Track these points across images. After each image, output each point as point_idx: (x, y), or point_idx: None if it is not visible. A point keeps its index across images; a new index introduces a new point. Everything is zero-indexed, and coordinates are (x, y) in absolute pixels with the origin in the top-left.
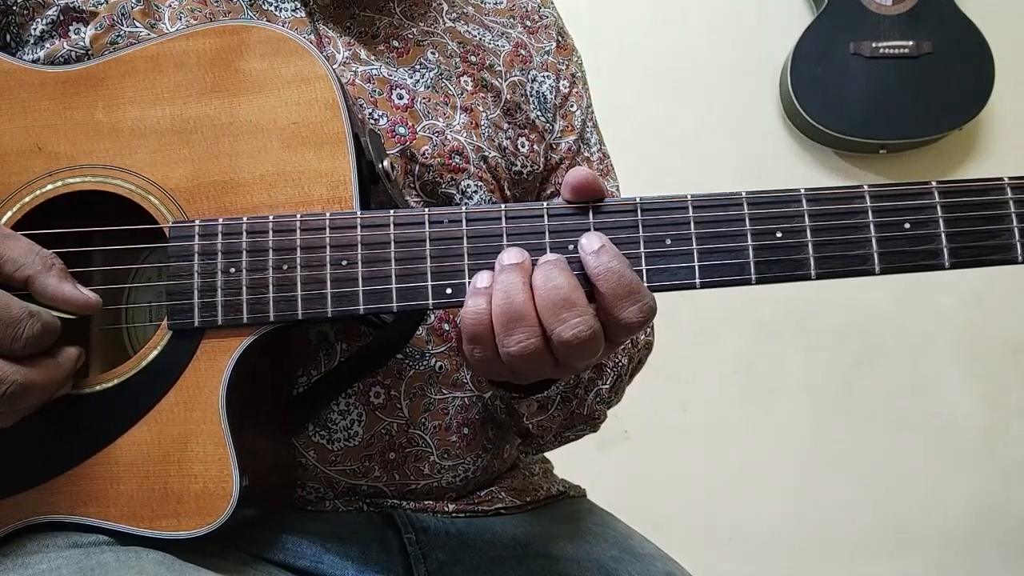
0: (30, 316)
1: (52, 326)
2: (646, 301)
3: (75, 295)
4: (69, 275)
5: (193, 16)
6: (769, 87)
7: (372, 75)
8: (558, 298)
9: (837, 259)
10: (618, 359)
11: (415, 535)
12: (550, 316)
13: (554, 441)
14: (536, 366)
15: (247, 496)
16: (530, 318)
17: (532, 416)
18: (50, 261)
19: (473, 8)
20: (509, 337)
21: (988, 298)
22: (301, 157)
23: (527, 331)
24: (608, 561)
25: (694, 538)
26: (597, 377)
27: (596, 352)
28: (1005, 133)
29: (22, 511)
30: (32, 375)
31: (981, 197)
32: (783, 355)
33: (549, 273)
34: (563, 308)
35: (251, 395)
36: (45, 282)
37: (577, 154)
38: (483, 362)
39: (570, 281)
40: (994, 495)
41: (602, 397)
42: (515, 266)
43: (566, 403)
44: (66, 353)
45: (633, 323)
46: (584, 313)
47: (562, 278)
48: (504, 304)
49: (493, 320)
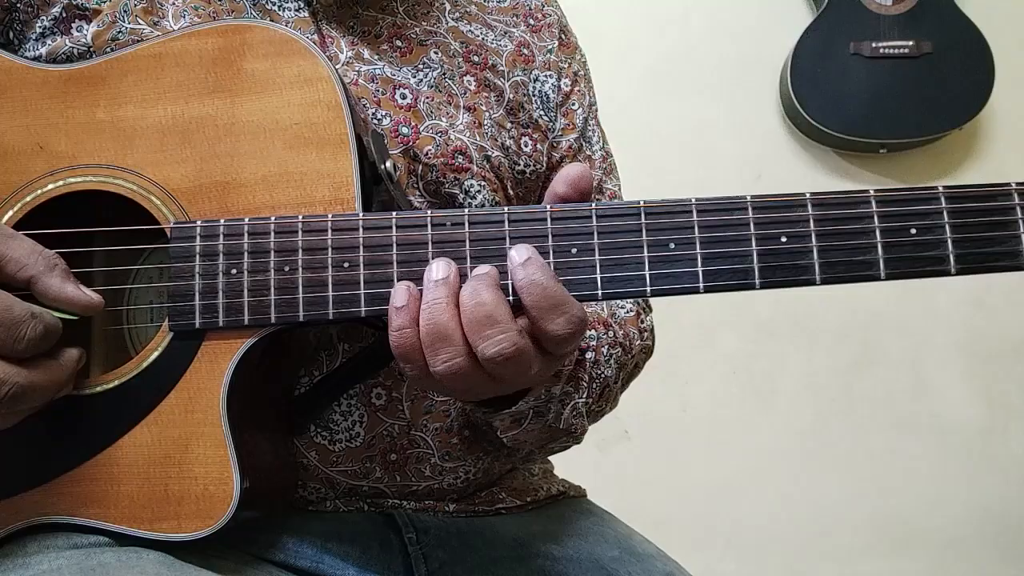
0: (32, 317)
1: (54, 327)
2: (572, 312)
3: (78, 296)
4: (72, 276)
5: (196, 15)
6: (769, 87)
7: (375, 75)
8: (482, 315)
9: (842, 264)
10: (600, 370)
11: (416, 535)
12: (474, 334)
13: (538, 452)
14: (470, 384)
15: (248, 498)
16: (455, 337)
17: (506, 431)
18: (52, 261)
19: (476, 7)
20: (435, 356)
21: (988, 298)
22: (303, 158)
23: (452, 350)
24: (608, 561)
25: (694, 538)
26: (573, 391)
27: (527, 366)
28: (1005, 133)
29: (23, 512)
30: (33, 377)
31: (988, 203)
32: (783, 355)
33: (476, 289)
34: (486, 325)
35: (252, 397)
36: (48, 283)
37: (579, 152)
38: (418, 380)
39: (495, 297)
40: (994, 495)
41: (579, 410)
42: (441, 282)
43: (539, 417)
44: (67, 354)
45: (561, 335)
46: (507, 330)
47: (488, 294)
48: (429, 323)
49: (421, 339)
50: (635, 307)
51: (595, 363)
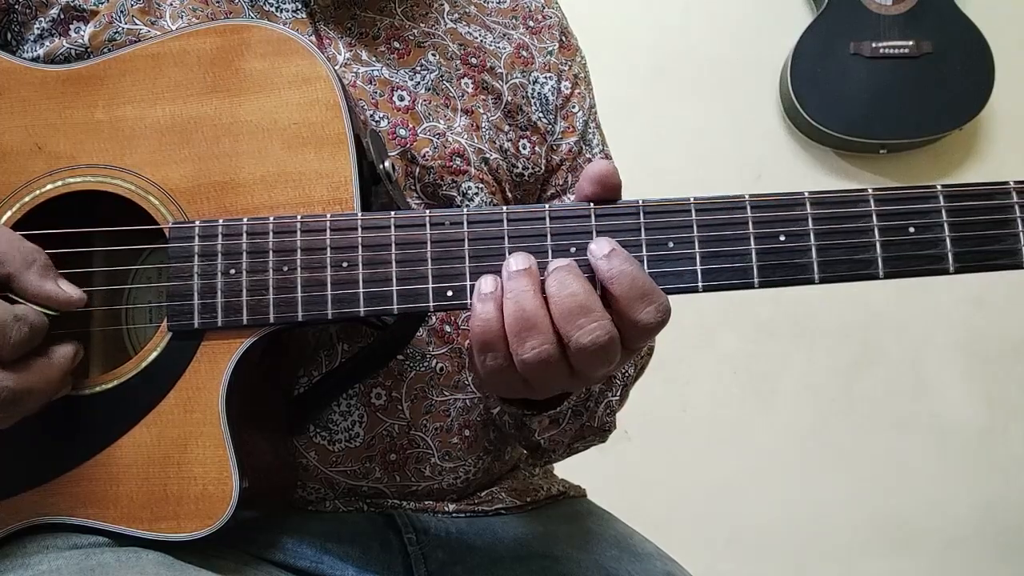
0: (16, 320)
1: (39, 327)
2: (661, 301)
3: (56, 292)
4: (53, 271)
5: (194, 15)
6: (769, 87)
7: (373, 76)
8: (574, 305)
9: (841, 263)
10: (625, 369)
11: (415, 535)
12: (566, 323)
13: (564, 453)
14: (552, 375)
15: (247, 498)
16: (543, 324)
17: (544, 432)
18: (31, 257)
19: (475, 8)
20: (523, 344)
21: (989, 297)
22: (302, 158)
23: (541, 338)
24: (608, 561)
25: (694, 538)
26: (607, 388)
27: (614, 358)
28: (1005, 133)
29: (22, 512)
30: (24, 380)
31: (986, 201)
32: (783, 355)
33: (564, 279)
34: (580, 314)
35: (251, 397)
36: (25, 280)
37: (578, 155)
38: (496, 372)
39: (585, 287)
40: (994, 495)
41: (612, 408)
42: (523, 271)
43: (577, 416)
44: (60, 352)
45: (650, 324)
46: (601, 318)
47: (577, 284)
48: (516, 311)
49: (505, 327)
50: None
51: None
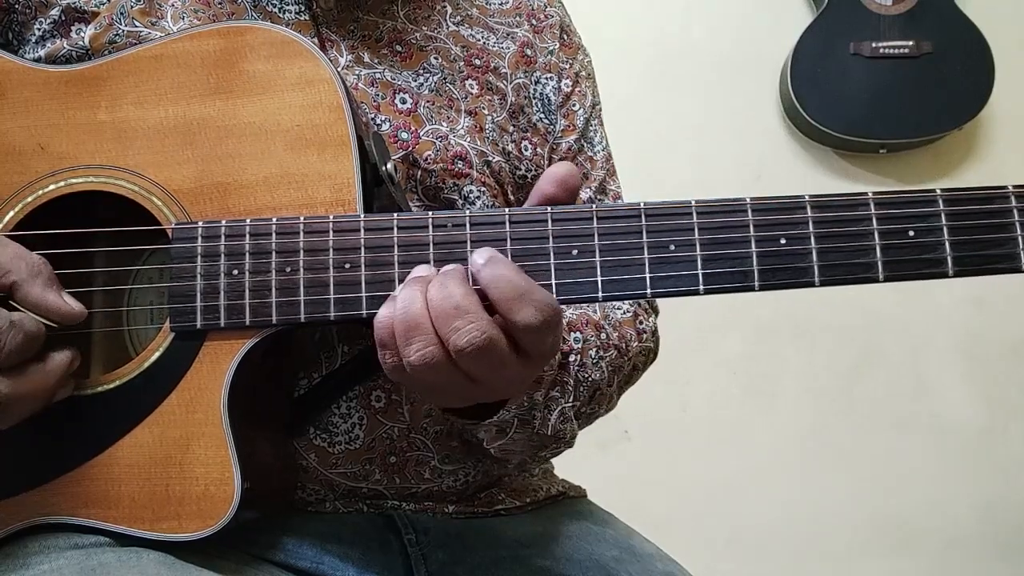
0: (11, 327)
1: (35, 334)
2: (540, 300)
3: (58, 304)
4: (56, 282)
5: (196, 17)
6: (769, 87)
7: (375, 79)
8: (450, 307)
9: (841, 267)
10: (588, 373)
11: (415, 536)
12: (443, 325)
13: (531, 461)
14: (444, 379)
15: (248, 499)
16: (425, 327)
17: (492, 441)
18: (36, 268)
19: (478, 10)
20: (408, 347)
21: (989, 299)
22: (305, 159)
23: (424, 340)
24: (608, 561)
25: (694, 538)
26: (560, 395)
27: (500, 362)
28: (1005, 133)
29: (24, 512)
30: (17, 386)
31: (986, 205)
32: (783, 356)
33: (444, 283)
34: (455, 316)
35: (253, 397)
36: (28, 290)
37: (579, 153)
38: (395, 371)
39: (463, 290)
40: (994, 495)
41: (567, 415)
42: (419, 279)
43: (525, 425)
44: (55, 359)
45: (533, 324)
46: (477, 320)
47: (455, 287)
48: (401, 313)
49: (395, 330)
50: (633, 309)
51: (581, 366)
